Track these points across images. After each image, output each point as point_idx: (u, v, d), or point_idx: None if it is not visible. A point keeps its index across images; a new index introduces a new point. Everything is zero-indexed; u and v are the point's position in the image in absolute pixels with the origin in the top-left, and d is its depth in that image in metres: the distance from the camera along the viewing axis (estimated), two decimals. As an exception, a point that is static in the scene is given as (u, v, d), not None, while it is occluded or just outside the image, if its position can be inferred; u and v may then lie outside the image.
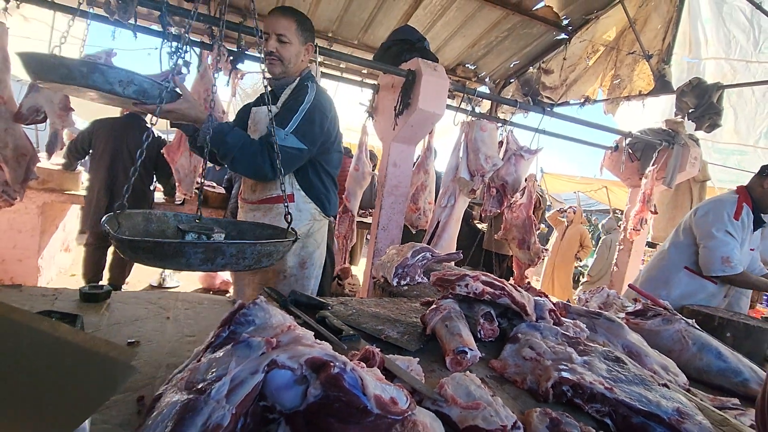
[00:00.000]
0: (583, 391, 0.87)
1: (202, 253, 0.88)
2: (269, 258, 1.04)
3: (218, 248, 0.89)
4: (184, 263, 0.87)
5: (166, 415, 0.57)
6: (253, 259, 0.97)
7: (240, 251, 0.93)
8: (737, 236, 2.29)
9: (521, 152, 3.18)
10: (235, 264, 0.94)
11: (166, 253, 0.88)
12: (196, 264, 0.87)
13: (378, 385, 0.67)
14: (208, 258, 0.89)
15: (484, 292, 1.13)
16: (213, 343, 0.73)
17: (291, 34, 1.66)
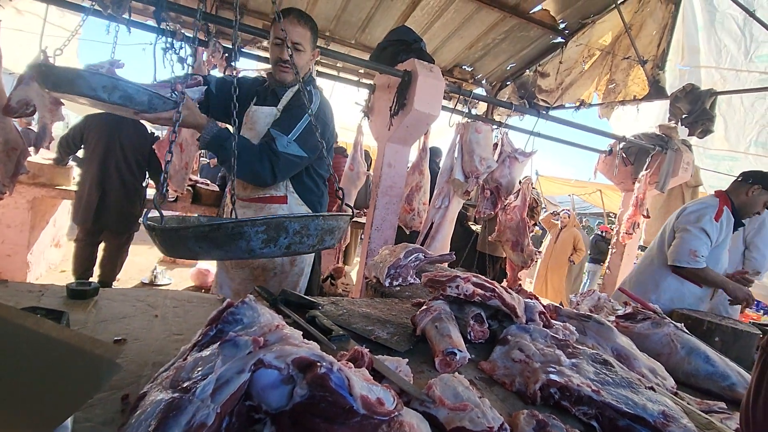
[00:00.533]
0: (571, 393, 0.88)
1: (264, 233, 0.80)
2: (331, 235, 0.96)
3: (280, 224, 0.81)
4: (245, 248, 0.79)
5: (149, 413, 0.57)
6: (317, 237, 0.91)
7: (304, 227, 0.86)
8: (712, 236, 2.36)
9: (516, 154, 3.19)
10: (299, 243, 0.87)
11: (224, 238, 0.80)
12: (258, 247, 0.80)
13: (365, 385, 0.67)
14: (270, 238, 0.81)
15: (474, 294, 1.14)
16: (200, 342, 0.72)
17: (306, 42, 1.61)
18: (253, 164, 1.52)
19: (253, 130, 1.69)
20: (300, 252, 0.95)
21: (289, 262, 1.82)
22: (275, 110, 1.67)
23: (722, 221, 2.39)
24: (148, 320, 0.99)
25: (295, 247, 0.87)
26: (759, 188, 2.41)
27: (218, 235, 0.80)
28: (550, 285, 6.37)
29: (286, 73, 1.64)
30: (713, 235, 2.36)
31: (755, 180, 2.44)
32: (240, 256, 0.82)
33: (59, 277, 4.45)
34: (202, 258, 0.84)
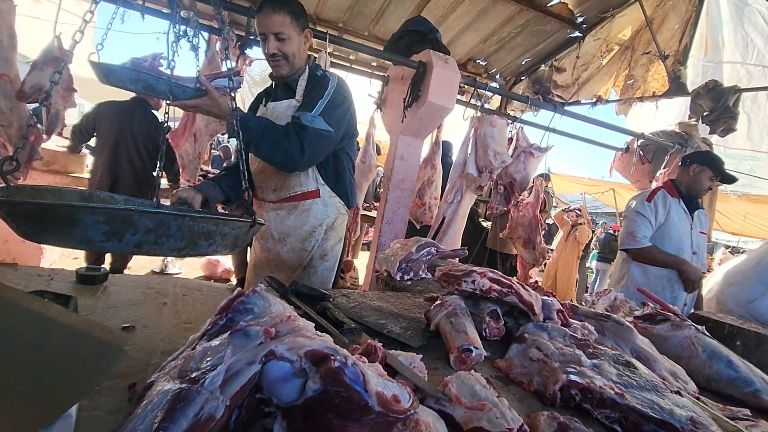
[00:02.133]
0: (593, 395, 0.84)
1: (105, 224, 0.65)
2: (210, 240, 0.79)
3: (127, 218, 0.66)
4: (80, 237, 0.65)
5: (156, 404, 0.54)
6: (183, 239, 0.74)
7: (161, 225, 0.70)
8: (647, 215, 2.53)
9: (531, 150, 3.13)
10: (155, 244, 0.71)
11: (56, 222, 0.66)
12: (98, 239, 0.66)
13: (380, 381, 0.64)
14: (114, 231, 0.66)
15: (491, 290, 1.10)
16: (209, 331, 0.70)
17: (287, 28, 1.53)
18: (280, 141, 1.45)
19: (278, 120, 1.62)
20: (159, 254, 0.78)
21: (320, 257, 1.80)
22: (293, 101, 1.64)
23: (656, 201, 2.56)
24: (158, 308, 0.97)
25: (148, 248, 0.72)
26: (697, 166, 2.57)
27: (49, 218, 0.67)
28: (559, 283, 6.29)
29: (280, 66, 1.59)
30: (649, 215, 2.53)
31: (692, 160, 2.64)
32: (77, 246, 0.69)
33: (72, 263, 4.50)
34: (36, 241, 0.70)
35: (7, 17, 2.23)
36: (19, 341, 0.63)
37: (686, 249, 2.59)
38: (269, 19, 1.49)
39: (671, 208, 2.58)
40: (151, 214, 0.70)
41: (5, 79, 2.20)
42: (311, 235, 1.76)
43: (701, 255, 2.67)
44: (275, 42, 1.52)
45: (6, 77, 2.20)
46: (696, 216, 2.67)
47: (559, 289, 6.25)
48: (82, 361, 0.62)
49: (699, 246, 2.65)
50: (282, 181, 1.69)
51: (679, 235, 2.58)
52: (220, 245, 0.82)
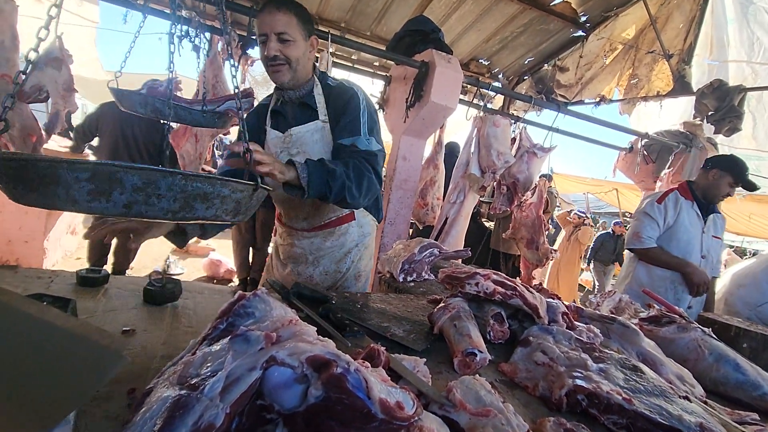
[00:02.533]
0: (600, 401, 0.82)
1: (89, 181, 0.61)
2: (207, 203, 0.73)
3: (112, 174, 0.61)
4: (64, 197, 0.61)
5: (155, 411, 0.53)
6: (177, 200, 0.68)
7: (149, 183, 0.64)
8: (656, 216, 2.50)
9: (534, 150, 3.11)
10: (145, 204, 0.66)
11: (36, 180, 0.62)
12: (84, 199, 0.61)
13: (383, 387, 0.63)
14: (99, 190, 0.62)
15: (495, 292, 1.08)
16: (209, 336, 0.69)
17: (293, 30, 1.34)
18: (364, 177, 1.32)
19: (305, 153, 1.47)
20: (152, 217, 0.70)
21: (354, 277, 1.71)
22: (319, 123, 1.47)
23: (666, 203, 2.52)
24: (158, 310, 0.96)
25: (139, 208, 0.66)
26: (717, 171, 2.50)
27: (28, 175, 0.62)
28: (562, 284, 6.27)
29: (281, 72, 1.38)
30: (657, 216, 2.50)
31: (713, 164, 2.55)
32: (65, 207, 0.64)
33: (75, 264, 4.51)
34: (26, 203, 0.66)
35: (9, 17, 2.23)
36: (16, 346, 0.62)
37: (694, 252, 2.54)
38: (273, 18, 1.32)
39: (682, 210, 2.53)
40: (137, 170, 0.65)
41: (7, 80, 2.20)
42: (346, 257, 1.67)
43: (711, 259, 2.61)
44: (277, 43, 1.33)
45: (8, 77, 2.20)
46: (710, 220, 2.61)
47: (562, 290, 6.22)
48: (80, 366, 0.61)
49: (709, 250, 2.59)
50: (314, 210, 1.57)
51: (688, 238, 2.53)
52: (220, 209, 0.76)
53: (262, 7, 1.35)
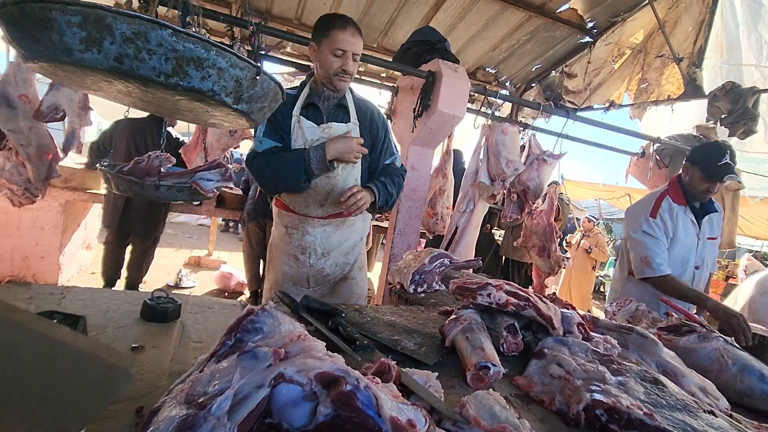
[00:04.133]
0: (620, 416, 0.79)
1: (80, 27, 0.63)
2: (202, 71, 0.72)
3: (101, 19, 0.62)
4: (60, 45, 0.63)
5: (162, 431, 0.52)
6: (168, 61, 0.68)
7: (138, 34, 0.65)
8: (656, 233, 2.15)
9: (544, 157, 3.08)
10: (136, 59, 0.66)
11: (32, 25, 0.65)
12: (77, 48, 0.63)
13: (394, 405, 0.61)
14: (91, 38, 0.63)
15: (508, 303, 1.06)
16: (217, 352, 0.68)
17: (360, 52, 1.66)
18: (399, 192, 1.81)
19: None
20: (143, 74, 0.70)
21: (359, 268, 1.91)
22: (351, 125, 1.73)
23: (661, 215, 2.17)
24: (167, 326, 0.96)
25: (130, 63, 0.66)
26: (688, 165, 2.22)
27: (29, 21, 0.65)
28: (575, 292, 6.16)
29: (345, 81, 1.67)
30: (657, 233, 2.14)
31: (687, 158, 2.27)
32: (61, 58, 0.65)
33: (89, 279, 4.57)
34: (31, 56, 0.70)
35: (27, 40, 2.30)
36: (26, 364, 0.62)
37: (690, 266, 2.24)
38: (355, 41, 1.60)
39: (678, 221, 2.20)
40: (126, 16, 0.66)
41: (24, 100, 2.26)
42: (354, 248, 1.87)
43: (706, 267, 2.31)
44: (352, 62, 1.62)
45: (25, 97, 2.26)
46: (706, 221, 2.28)
47: (575, 299, 6.11)
48: (88, 385, 0.61)
49: (705, 257, 2.29)
50: (331, 199, 1.72)
51: (684, 251, 2.23)
52: (217, 83, 0.73)
53: (344, 25, 1.59)
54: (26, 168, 2.42)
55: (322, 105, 1.72)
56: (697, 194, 2.20)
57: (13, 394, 0.58)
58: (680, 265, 2.23)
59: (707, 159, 2.13)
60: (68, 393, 0.60)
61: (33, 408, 0.57)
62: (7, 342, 0.66)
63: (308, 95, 1.72)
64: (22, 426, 0.56)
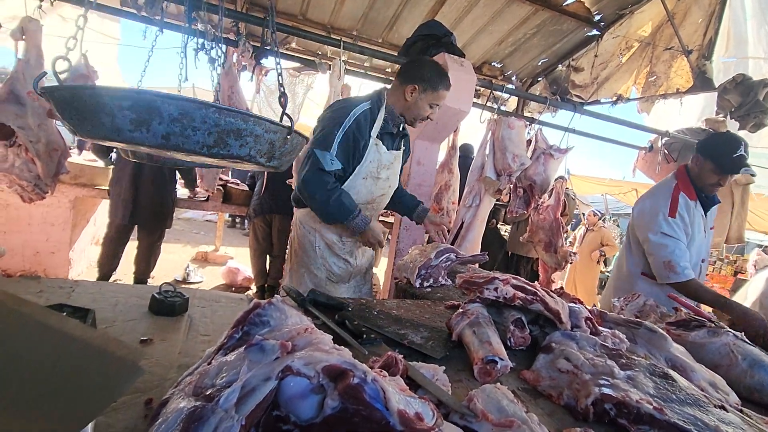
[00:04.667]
0: (629, 410, 0.78)
1: (130, 110, 0.67)
2: (240, 140, 0.77)
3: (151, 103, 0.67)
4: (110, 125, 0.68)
5: (171, 423, 0.53)
6: (211, 134, 0.73)
7: (185, 114, 0.70)
8: (677, 234, 2.04)
9: (551, 151, 3.05)
10: (182, 136, 0.71)
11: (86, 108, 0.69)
12: (127, 128, 0.67)
13: (402, 398, 0.61)
14: (140, 120, 0.68)
15: (515, 297, 1.06)
16: (225, 345, 0.68)
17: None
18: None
19: (394, 170, 1.91)
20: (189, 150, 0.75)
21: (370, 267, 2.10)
22: (401, 152, 1.95)
23: (680, 213, 2.07)
24: (176, 320, 0.96)
25: (176, 140, 0.71)
26: (698, 157, 2.13)
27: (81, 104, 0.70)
28: (580, 287, 6.11)
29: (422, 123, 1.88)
30: (679, 234, 2.03)
31: (696, 149, 2.17)
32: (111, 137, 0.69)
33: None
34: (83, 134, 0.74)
35: (35, 36, 2.31)
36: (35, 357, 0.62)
37: (697, 258, 2.19)
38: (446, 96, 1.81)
39: (694, 218, 2.13)
40: (174, 100, 0.71)
41: (33, 97, 2.28)
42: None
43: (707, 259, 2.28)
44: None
45: (33, 94, 2.28)
46: (709, 213, 2.23)
47: (580, 294, 6.07)
48: (97, 378, 0.61)
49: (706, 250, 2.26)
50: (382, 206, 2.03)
51: (698, 247, 2.17)
52: (254, 149, 0.79)
53: (449, 87, 1.80)
54: (36, 164, 2.44)
55: (395, 132, 1.87)
56: (706, 187, 2.13)
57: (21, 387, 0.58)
58: (694, 263, 2.14)
59: (720, 151, 2.05)
60: (77, 385, 0.60)
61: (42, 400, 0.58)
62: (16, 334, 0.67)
63: (384, 120, 1.80)
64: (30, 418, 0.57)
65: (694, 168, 2.17)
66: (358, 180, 1.77)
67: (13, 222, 3.59)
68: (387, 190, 1.91)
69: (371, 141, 1.74)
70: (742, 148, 2.03)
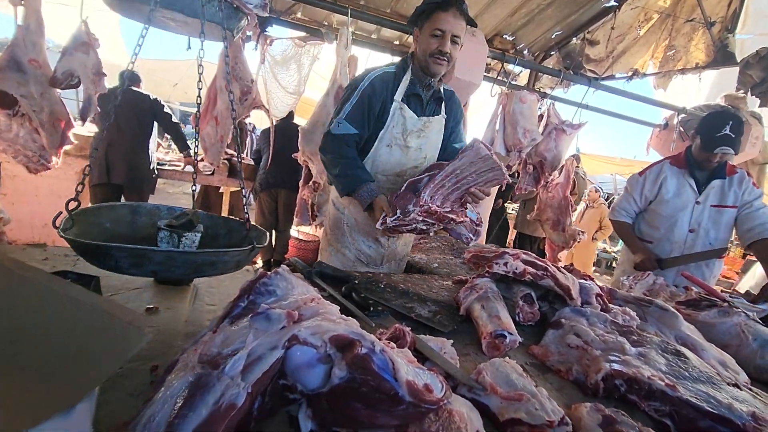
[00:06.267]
0: (640, 386, 0.77)
1: (128, 258, 0.82)
2: (213, 268, 0.91)
3: (143, 254, 0.81)
4: (114, 265, 0.82)
5: (176, 390, 0.52)
6: (189, 268, 0.87)
7: (169, 259, 0.84)
8: (632, 189, 2.37)
9: (563, 126, 2.97)
10: (167, 272, 0.85)
11: (96, 254, 0.84)
12: (126, 267, 0.82)
13: (411, 369, 0.60)
14: (136, 263, 0.82)
15: (525, 272, 1.03)
16: (230, 314, 0.67)
17: (463, 35, 1.54)
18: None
19: (428, 140, 1.68)
20: (172, 277, 0.98)
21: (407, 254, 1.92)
22: (442, 118, 1.69)
23: (647, 175, 2.34)
24: (182, 289, 0.96)
25: (162, 274, 0.86)
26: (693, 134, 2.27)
27: (92, 252, 0.84)
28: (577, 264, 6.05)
29: (441, 65, 1.54)
30: (633, 189, 2.36)
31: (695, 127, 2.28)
32: (113, 270, 0.83)
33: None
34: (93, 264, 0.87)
35: (34, 3, 2.25)
36: (41, 321, 0.62)
37: (681, 226, 2.27)
38: (456, 21, 1.48)
39: (666, 182, 2.29)
40: (161, 252, 0.85)
41: (34, 65, 2.23)
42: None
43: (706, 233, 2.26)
44: (450, 43, 1.50)
45: (35, 62, 2.23)
46: (713, 187, 2.23)
47: (576, 268, 6.00)
48: (103, 343, 0.61)
49: (704, 222, 2.25)
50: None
51: (671, 211, 2.28)
52: (223, 269, 0.92)
53: (446, 7, 1.48)
54: (40, 135, 2.42)
55: (424, 95, 1.63)
56: (699, 163, 2.21)
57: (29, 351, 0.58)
58: (668, 225, 2.29)
59: (707, 129, 2.14)
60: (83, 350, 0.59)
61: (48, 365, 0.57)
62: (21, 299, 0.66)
63: (411, 82, 1.60)
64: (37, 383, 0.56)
65: (691, 143, 2.27)
66: (382, 148, 1.62)
67: (21, 193, 3.60)
68: (421, 162, 1.69)
69: (395, 105, 1.58)
70: (728, 128, 2.06)
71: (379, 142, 1.62)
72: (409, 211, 1.29)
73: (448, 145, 1.77)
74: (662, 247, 2.31)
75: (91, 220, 1.06)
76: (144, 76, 3.72)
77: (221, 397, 0.50)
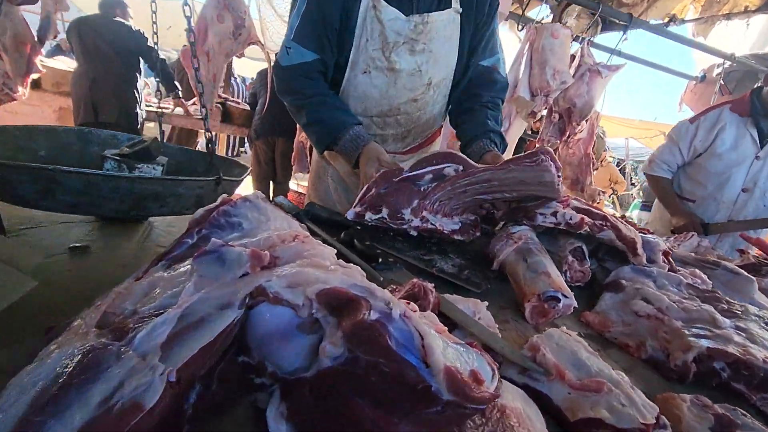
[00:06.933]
0: (752, 373, 0.56)
1: (30, 182, 0.61)
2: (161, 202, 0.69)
3: (53, 178, 0.61)
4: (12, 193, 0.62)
5: (44, 373, 0.29)
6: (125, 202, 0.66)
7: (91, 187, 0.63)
8: (680, 140, 2.02)
9: (599, 68, 2.61)
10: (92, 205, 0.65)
11: None
12: (33, 198, 0.62)
13: (450, 347, 0.37)
14: (43, 190, 0.62)
15: (582, 223, 0.80)
16: (169, 254, 0.44)
17: None
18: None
19: (431, 51, 1.11)
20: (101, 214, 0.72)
21: None
22: (452, 12, 1.11)
23: (700, 123, 1.98)
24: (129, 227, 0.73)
25: (86, 209, 0.66)
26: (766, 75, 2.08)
27: None
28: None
29: None
30: (681, 140, 2.01)
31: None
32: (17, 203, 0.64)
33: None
34: None
35: None
36: None
37: (734, 184, 1.95)
38: None
39: (723, 131, 1.94)
40: (77, 175, 0.62)
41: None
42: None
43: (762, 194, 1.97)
44: None
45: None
46: None
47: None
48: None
49: (760, 181, 1.96)
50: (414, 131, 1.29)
51: (724, 167, 1.95)
52: (177, 206, 0.71)
53: None
54: (3, 60, 2.13)
55: None
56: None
57: None
58: (716, 182, 1.97)
59: None
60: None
61: None
62: None
63: None
64: None
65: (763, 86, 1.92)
66: (357, 77, 1.12)
67: (-2, 132, 3.34)
68: (422, 92, 1.16)
69: (363, 3, 1.04)
70: None
71: (351, 69, 1.11)
72: (401, 215, 0.86)
73: (471, 61, 1.18)
74: (706, 206, 1.99)
75: (19, 144, 0.82)
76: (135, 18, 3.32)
77: (117, 390, 0.28)
